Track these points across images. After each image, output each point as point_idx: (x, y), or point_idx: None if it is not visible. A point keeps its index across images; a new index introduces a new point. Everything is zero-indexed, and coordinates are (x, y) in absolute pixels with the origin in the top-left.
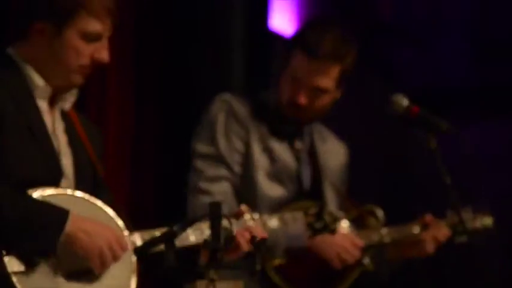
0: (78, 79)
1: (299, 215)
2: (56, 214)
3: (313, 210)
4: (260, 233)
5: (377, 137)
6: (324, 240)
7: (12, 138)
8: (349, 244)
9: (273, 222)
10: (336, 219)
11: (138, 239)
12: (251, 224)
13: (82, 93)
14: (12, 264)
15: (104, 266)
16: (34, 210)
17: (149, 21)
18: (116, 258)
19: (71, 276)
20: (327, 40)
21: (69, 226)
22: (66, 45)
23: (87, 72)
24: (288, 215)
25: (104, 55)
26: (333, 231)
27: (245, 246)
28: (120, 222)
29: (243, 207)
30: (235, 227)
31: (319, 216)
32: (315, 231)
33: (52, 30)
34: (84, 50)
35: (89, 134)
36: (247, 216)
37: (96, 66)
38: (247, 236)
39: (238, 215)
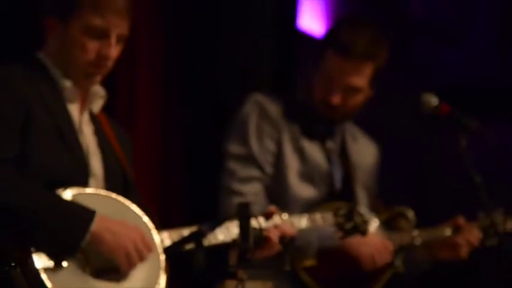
0: (87, 77)
1: (328, 215)
2: (82, 214)
3: (343, 211)
4: (289, 230)
5: (405, 137)
6: (358, 240)
7: (41, 138)
8: (382, 246)
9: (302, 222)
10: (366, 221)
11: (166, 238)
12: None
13: (111, 97)
14: (41, 261)
15: (131, 266)
16: (61, 209)
17: (178, 21)
18: (142, 258)
19: (99, 273)
20: (361, 39)
21: (95, 226)
22: (71, 40)
23: (95, 71)
24: (317, 216)
25: (108, 52)
26: (363, 233)
27: (277, 242)
28: (148, 221)
29: (272, 207)
30: (265, 226)
31: (349, 217)
32: (344, 232)
33: (60, 25)
34: (88, 45)
35: (119, 139)
36: (276, 216)
37: (103, 64)
38: (277, 233)
39: (268, 215)
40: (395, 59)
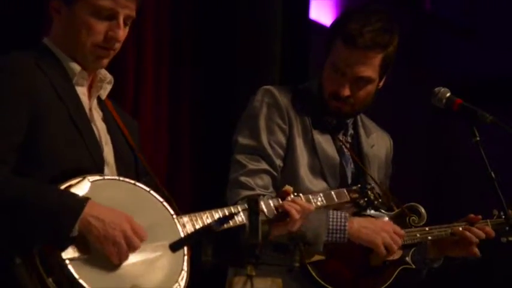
0: (95, 59)
1: (343, 192)
2: (74, 202)
3: (356, 187)
4: (307, 205)
5: (417, 131)
6: (366, 228)
7: (53, 127)
8: (392, 230)
9: (318, 200)
10: (379, 196)
11: (187, 222)
12: None
13: (118, 84)
14: (67, 251)
15: (120, 255)
16: (54, 199)
17: (186, 10)
18: (132, 247)
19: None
20: (368, 29)
21: (84, 213)
22: (77, 22)
23: (103, 53)
24: (332, 193)
25: (116, 33)
26: (377, 208)
27: (296, 215)
28: (169, 207)
29: (288, 187)
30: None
31: (362, 192)
32: (359, 208)
33: (65, 8)
34: (95, 26)
35: (126, 124)
36: (292, 196)
37: (112, 46)
38: (297, 207)
39: (284, 195)
40: (406, 51)
